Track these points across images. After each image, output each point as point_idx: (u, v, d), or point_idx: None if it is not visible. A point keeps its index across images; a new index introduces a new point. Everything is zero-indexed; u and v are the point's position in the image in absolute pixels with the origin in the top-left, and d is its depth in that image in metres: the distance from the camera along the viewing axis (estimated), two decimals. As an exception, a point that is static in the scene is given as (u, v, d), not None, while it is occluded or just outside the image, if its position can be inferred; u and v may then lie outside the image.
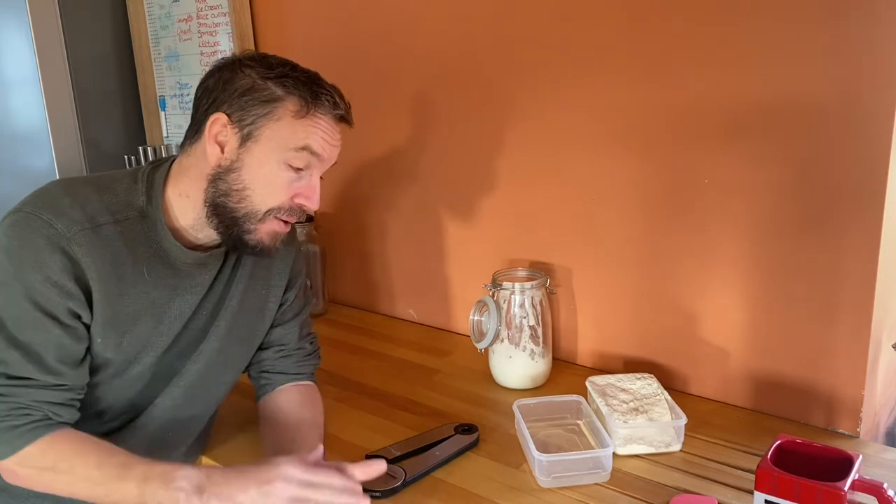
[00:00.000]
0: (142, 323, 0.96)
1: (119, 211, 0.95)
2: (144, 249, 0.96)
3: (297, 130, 0.95)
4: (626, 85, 1.23)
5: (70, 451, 0.87)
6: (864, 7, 0.99)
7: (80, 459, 0.87)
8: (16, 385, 0.87)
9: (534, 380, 1.30)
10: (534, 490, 1.00)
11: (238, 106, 0.95)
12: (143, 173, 0.99)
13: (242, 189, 0.95)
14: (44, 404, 0.88)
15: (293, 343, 1.16)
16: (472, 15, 1.40)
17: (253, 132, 0.94)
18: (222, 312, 1.05)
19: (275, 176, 0.95)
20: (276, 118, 0.94)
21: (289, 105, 0.94)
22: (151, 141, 2.06)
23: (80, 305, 0.90)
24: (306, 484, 0.85)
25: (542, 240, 1.41)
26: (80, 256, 0.89)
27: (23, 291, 0.87)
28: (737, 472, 1.02)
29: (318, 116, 0.96)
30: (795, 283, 1.12)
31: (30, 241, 0.88)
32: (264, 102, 0.94)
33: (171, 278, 0.98)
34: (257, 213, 0.96)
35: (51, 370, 0.89)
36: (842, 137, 1.04)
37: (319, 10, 1.67)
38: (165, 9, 1.94)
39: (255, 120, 0.94)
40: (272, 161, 0.95)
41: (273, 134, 0.94)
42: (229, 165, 0.95)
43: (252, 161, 0.95)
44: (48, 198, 0.92)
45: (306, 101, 0.95)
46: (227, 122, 0.95)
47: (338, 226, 1.77)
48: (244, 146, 0.95)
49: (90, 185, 0.96)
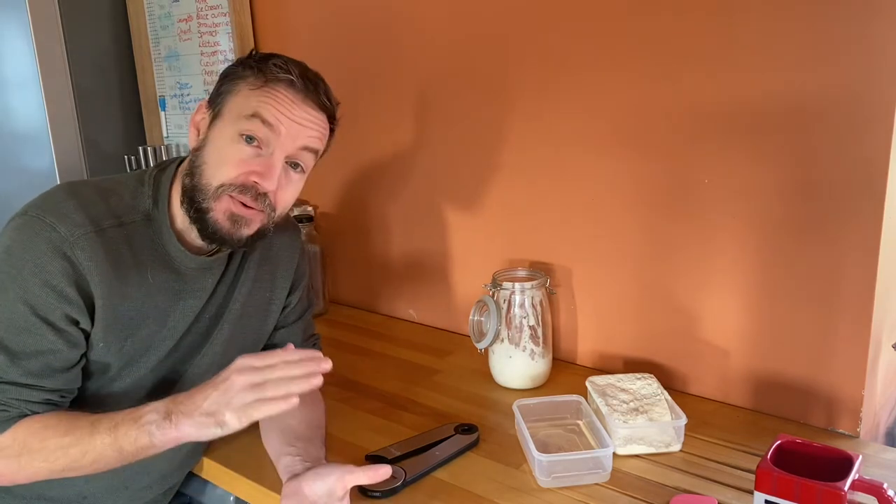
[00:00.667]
0: (145, 327, 0.96)
1: (124, 214, 0.94)
2: (149, 253, 0.96)
3: (250, 100, 0.95)
4: (627, 85, 1.23)
5: (37, 427, 0.87)
6: (864, 7, 0.99)
7: (49, 431, 0.87)
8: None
9: (534, 380, 1.30)
10: (534, 490, 1.00)
11: (215, 91, 0.98)
12: (150, 176, 0.99)
13: (200, 164, 0.96)
14: (21, 402, 0.89)
15: (297, 345, 1.16)
16: (472, 14, 1.40)
17: (220, 110, 0.96)
18: (226, 316, 1.05)
19: (227, 148, 0.95)
20: (236, 92, 0.96)
21: (250, 80, 0.96)
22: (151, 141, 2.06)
23: (78, 311, 0.90)
24: (260, 368, 0.84)
25: (542, 240, 1.41)
26: (83, 261, 0.89)
27: (20, 295, 0.87)
28: (737, 472, 1.02)
29: (274, 88, 0.95)
30: (795, 283, 1.12)
31: (32, 245, 0.87)
32: (231, 81, 0.97)
33: (174, 282, 0.98)
34: (209, 187, 0.94)
35: (34, 374, 0.89)
36: (842, 137, 1.04)
37: (319, 9, 1.67)
38: (165, 9, 1.94)
39: (222, 98, 0.97)
40: (227, 133, 0.95)
41: (231, 106, 0.96)
42: (199, 145, 0.97)
43: (213, 136, 0.96)
44: (53, 201, 0.91)
45: (262, 73, 0.95)
46: (206, 106, 0.98)
47: (338, 226, 1.77)
48: (212, 124, 0.97)
49: (96, 189, 0.95)
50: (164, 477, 1.07)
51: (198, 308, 1.01)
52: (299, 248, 1.17)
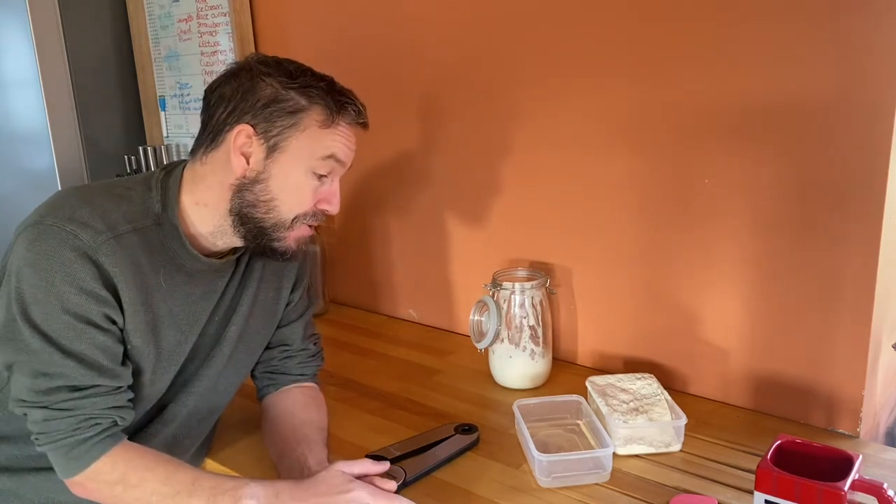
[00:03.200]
0: (165, 332, 0.96)
1: (137, 219, 0.93)
2: (160, 257, 0.95)
3: (323, 140, 0.96)
4: (627, 85, 1.23)
5: (140, 464, 0.87)
6: (864, 7, 0.99)
7: (149, 473, 0.87)
8: (81, 397, 0.87)
9: (534, 380, 1.30)
10: (534, 490, 1.00)
11: (263, 117, 0.94)
12: (157, 180, 0.98)
13: (270, 200, 0.96)
14: (111, 410, 0.88)
15: (297, 344, 1.16)
16: (472, 16, 1.40)
17: (279, 143, 0.94)
18: (234, 317, 1.05)
19: (302, 185, 0.96)
20: (302, 129, 0.95)
21: (314, 115, 0.95)
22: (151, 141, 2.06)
23: (114, 311, 0.90)
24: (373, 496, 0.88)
25: (542, 240, 1.41)
26: (108, 266, 0.88)
27: (59, 304, 0.86)
28: (737, 472, 1.02)
29: (341, 125, 0.97)
30: (795, 283, 1.12)
31: (58, 254, 0.86)
32: (290, 114, 0.94)
33: (186, 285, 0.98)
34: (286, 223, 0.97)
35: (110, 373, 0.89)
36: (842, 137, 1.04)
37: (320, 10, 1.67)
38: (165, 9, 1.94)
39: (282, 131, 0.94)
40: (299, 171, 0.96)
41: (300, 144, 0.95)
42: (255, 177, 0.95)
43: (279, 172, 0.95)
44: (67, 209, 0.89)
45: (331, 111, 0.96)
46: (252, 133, 0.94)
47: (338, 226, 1.77)
48: (271, 157, 0.95)
49: (105, 194, 0.94)
50: None
51: (209, 310, 1.02)
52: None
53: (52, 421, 0.86)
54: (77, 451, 0.86)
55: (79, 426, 0.86)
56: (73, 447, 0.86)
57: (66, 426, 0.86)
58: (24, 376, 0.86)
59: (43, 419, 0.86)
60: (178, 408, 1.02)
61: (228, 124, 0.95)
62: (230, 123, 0.94)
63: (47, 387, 0.86)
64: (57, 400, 0.86)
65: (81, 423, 0.86)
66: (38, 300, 0.86)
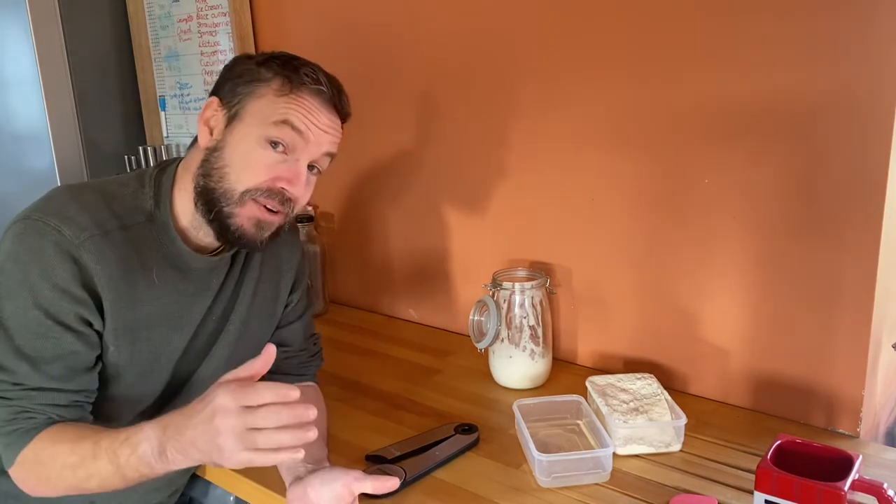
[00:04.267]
0: (154, 330, 0.96)
1: (127, 216, 0.94)
2: (153, 255, 0.95)
3: (277, 106, 0.94)
4: (627, 85, 1.23)
5: (49, 441, 0.86)
6: (864, 7, 0.99)
7: (58, 446, 0.86)
8: (21, 389, 0.87)
9: (534, 380, 1.30)
10: (534, 490, 1.00)
11: (228, 89, 0.96)
12: (150, 176, 0.98)
13: (222, 167, 0.94)
14: (48, 407, 0.88)
15: (297, 344, 1.16)
16: (473, 14, 1.40)
17: (238, 111, 0.95)
18: (232, 316, 1.05)
19: (253, 152, 0.94)
20: (259, 95, 0.94)
21: (273, 84, 0.95)
22: (151, 141, 2.06)
23: (90, 312, 0.89)
24: (245, 410, 0.77)
25: (542, 240, 1.41)
26: (90, 263, 0.88)
27: (31, 299, 0.86)
28: (737, 472, 1.02)
29: (301, 95, 0.95)
30: (795, 283, 1.12)
31: (38, 249, 0.86)
32: (249, 82, 0.95)
33: (180, 283, 0.98)
34: (234, 192, 0.94)
35: (57, 378, 0.88)
36: (842, 137, 1.04)
37: (320, 9, 1.67)
38: (165, 9, 1.94)
39: (241, 99, 0.95)
40: (251, 137, 0.94)
41: (255, 110, 0.94)
42: (215, 146, 0.95)
43: (234, 139, 0.94)
44: (55, 204, 0.90)
45: (288, 79, 0.94)
46: (218, 104, 0.96)
47: (338, 226, 1.77)
48: (230, 126, 0.95)
49: (97, 191, 0.94)
50: (171, 480, 1.07)
51: (205, 308, 1.01)
52: (299, 246, 1.17)
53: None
54: (8, 440, 0.86)
55: (14, 417, 0.86)
56: (5, 436, 0.86)
57: (5, 414, 0.86)
58: None
59: None
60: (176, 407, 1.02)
61: None
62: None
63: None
64: (1, 388, 0.87)
65: (18, 413, 0.87)
66: (12, 293, 0.87)
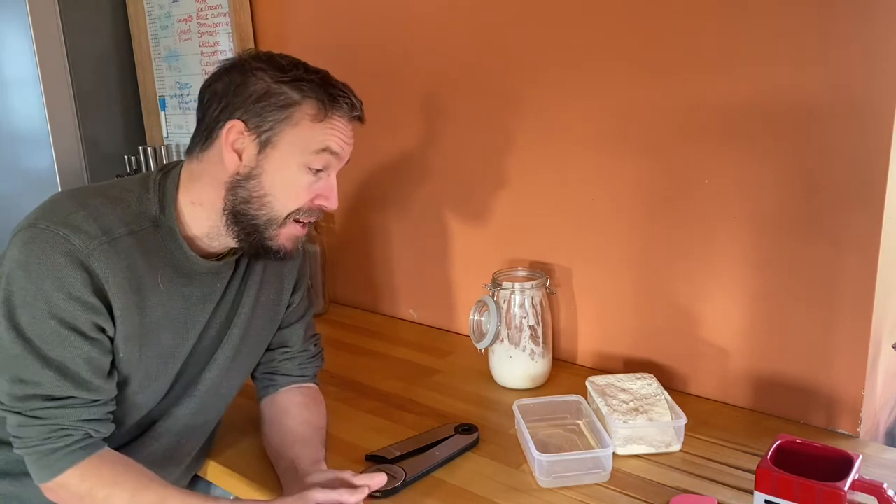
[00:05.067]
0: (160, 336, 0.95)
1: (133, 221, 0.93)
2: (158, 260, 0.94)
3: (315, 133, 0.94)
4: (628, 86, 1.23)
5: (108, 480, 0.87)
6: (864, 7, 0.99)
7: (116, 489, 0.86)
8: (55, 407, 0.86)
9: (534, 380, 1.30)
10: (534, 490, 1.00)
11: (254, 112, 0.93)
12: (154, 181, 0.98)
13: (263, 196, 0.94)
14: (84, 423, 0.88)
15: (298, 345, 1.16)
16: (474, 18, 1.40)
17: (272, 138, 0.93)
18: (235, 320, 1.05)
19: (295, 180, 0.95)
20: (294, 123, 0.93)
21: (306, 109, 0.93)
22: (151, 141, 2.06)
23: (104, 319, 0.89)
24: None
25: (542, 240, 1.41)
26: (100, 272, 0.87)
27: (47, 310, 0.86)
28: (737, 472, 1.02)
29: (336, 118, 0.95)
30: (795, 283, 1.12)
31: (49, 259, 0.86)
32: (281, 108, 0.93)
33: (184, 288, 0.97)
34: (279, 219, 0.95)
35: (88, 386, 0.88)
36: (842, 137, 1.04)
37: (319, 9, 1.67)
38: (165, 9, 1.94)
39: (273, 126, 0.93)
40: (292, 165, 0.94)
41: (293, 139, 0.93)
42: (248, 173, 0.94)
43: (272, 167, 0.94)
44: (62, 212, 0.89)
45: (324, 104, 0.94)
46: (243, 129, 0.93)
47: (338, 225, 1.77)
48: (263, 152, 0.93)
49: (102, 196, 0.93)
50: (175, 481, 1.07)
51: (209, 312, 1.01)
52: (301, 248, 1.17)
53: (25, 427, 0.86)
54: (47, 460, 0.86)
55: (50, 436, 0.86)
56: (44, 455, 0.86)
57: (38, 434, 0.86)
58: (3, 380, 0.86)
59: (17, 424, 0.86)
60: (181, 411, 1.02)
61: (221, 121, 0.93)
62: (222, 120, 0.93)
63: (23, 393, 0.86)
64: (31, 407, 0.86)
65: (53, 432, 0.86)
66: (26, 304, 0.86)
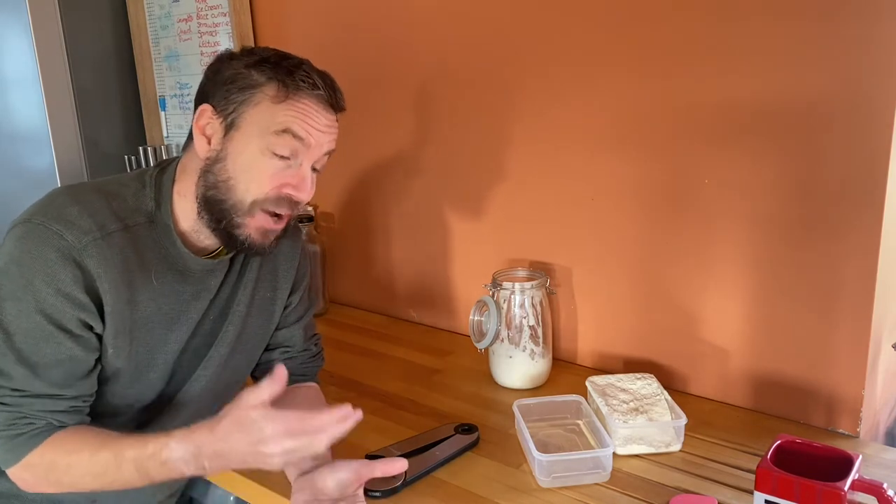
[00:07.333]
0: (152, 331, 0.96)
1: (128, 217, 0.93)
2: (152, 255, 0.95)
3: (276, 114, 0.92)
4: (628, 85, 1.23)
5: (67, 448, 0.87)
6: (864, 7, 0.99)
7: (75, 456, 0.87)
8: (21, 396, 0.87)
9: (534, 380, 1.30)
10: (534, 490, 1.00)
11: (221, 95, 0.94)
12: (150, 176, 0.98)
13: (227, 179, 0.93)
14: (47, 413, 0.88)
15: (298, 345, 1.16)
16: (473, 15, 1.40)
17: (235, 120, 0.93)
18: (230, 317, 1.05)
19: (257, 162, 0.93)
20: (255, 103, 0.92)
21: (267, 90, 0.93)
22: (151, 141, 2.06)
23: (92, 317, 0.89)
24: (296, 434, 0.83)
25: (542, 240, 1.41)
26: (92, 268, 0.88)
27: (34, 304, 0.86)
28: (737, 472, 1.02)
29: (299, 100, 0.93)
30: (795, 283, 1.12)
31: (41, 254, 0.86)
32: (243, 89, 0.93)
33: (178, 284, 0.97)
34: (242, 204, 0.94)
35: (57, 384, 0.88)
36: (842, 137, 1.04)
37: (319, 9, 1.67)
38: (165, 9, 1.94)
39: (237, 108, 0.93)
40: (253, 148, 0.93)
41: (253, 119, 0.93)
42: (216, 156, 0.94)
43: (235, 149, 0.93)
44: (56, 207, 0.90)
45: (284, 84, 0.93)
46: (212, 112, 0.94)
47: (338, 226, 1.77)
48: (228, 135, 0.93)
49: (97, 192, 0.94)
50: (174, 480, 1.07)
51: (202, 310, 1.01)
52: (300, 247, 1.17)
53: None
54: (11, 444, 0.86)
55: (14, 422, 0.87)
56: (8, 440, 0.86)
57: (3, 419, 0.87)
58: None
59: None
60: (178, 408, 1.02)
61: (196, 108, 0.95)
62: (196, 107, 0.95)
63: None
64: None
65: (17, 419, 0.87)
66: (15, 297, 0.87)
